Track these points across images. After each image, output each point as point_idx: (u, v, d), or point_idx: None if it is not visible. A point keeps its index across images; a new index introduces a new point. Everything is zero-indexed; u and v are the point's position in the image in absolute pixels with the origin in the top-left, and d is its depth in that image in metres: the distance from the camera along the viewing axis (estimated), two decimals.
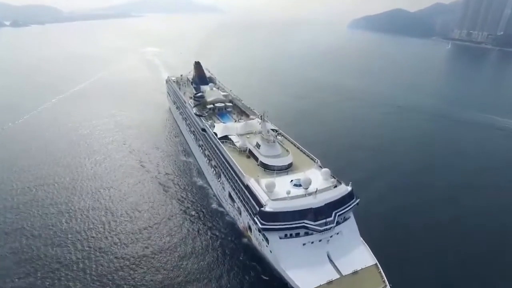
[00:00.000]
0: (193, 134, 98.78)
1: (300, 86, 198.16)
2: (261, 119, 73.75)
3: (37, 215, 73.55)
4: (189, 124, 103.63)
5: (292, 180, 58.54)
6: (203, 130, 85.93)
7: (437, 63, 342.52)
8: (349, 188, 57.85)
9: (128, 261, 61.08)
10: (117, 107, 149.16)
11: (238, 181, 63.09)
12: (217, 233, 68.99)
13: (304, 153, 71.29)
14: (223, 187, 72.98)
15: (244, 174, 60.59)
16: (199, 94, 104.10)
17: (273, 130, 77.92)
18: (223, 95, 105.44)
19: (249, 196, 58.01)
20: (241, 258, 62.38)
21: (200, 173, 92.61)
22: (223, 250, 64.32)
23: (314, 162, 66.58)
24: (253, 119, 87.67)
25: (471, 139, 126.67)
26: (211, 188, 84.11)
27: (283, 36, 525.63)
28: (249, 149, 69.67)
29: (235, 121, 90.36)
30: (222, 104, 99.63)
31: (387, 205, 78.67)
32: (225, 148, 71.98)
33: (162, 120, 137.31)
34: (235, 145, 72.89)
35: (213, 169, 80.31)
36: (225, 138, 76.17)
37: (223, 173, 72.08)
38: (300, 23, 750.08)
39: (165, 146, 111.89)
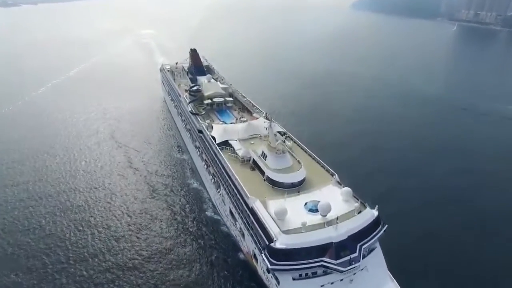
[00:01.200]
0: (189, 133, 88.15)
1: (301, 74, 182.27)
2: (267, 119, 63.68)
3: (10, 220, 65.00)
4: (184, 120, 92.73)
5: (306, 203, 47.98)
6: (200, 131, 75.07)
7: (442, 47, 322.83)
8: (376, 213, 47.57)
9: (115, 274, 53.36)
10: (107, 96, 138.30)
11: (241, 200, 52.86)
12: (210, 246, 59.95)
13: (318, 162, 60.32)
14: (223, 201, 62.92)
15: (249, 195, 50.15)
16: (195, 88, 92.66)
17: (280, 132, 67.86)
18: (222, 88, 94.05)
19: (254, 222, 47.82)
20: (238, 278, 53.32)
21: (195, 173, 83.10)
22: (218, 265, 55.65)
23: (331, 176, 55.91)
24: (256, 117, 76.95)
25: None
26: (207, 192, 74.64)
27: (281, 19, 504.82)
28: (253, 159, 59.11)
29: (236, 119, 79.51)
30: (221, 99, 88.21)
31: (416, 223, 65.30)
32: (225, 158, 61.12)
33: (156, 111, 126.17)
34: (236, 153, 62.23)
35: (211, 176, 70.02)
36: (225, 144, 65.60)
37: (223, 185, 61.89)
38: (300, 6, 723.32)
39: (158, 141, 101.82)
